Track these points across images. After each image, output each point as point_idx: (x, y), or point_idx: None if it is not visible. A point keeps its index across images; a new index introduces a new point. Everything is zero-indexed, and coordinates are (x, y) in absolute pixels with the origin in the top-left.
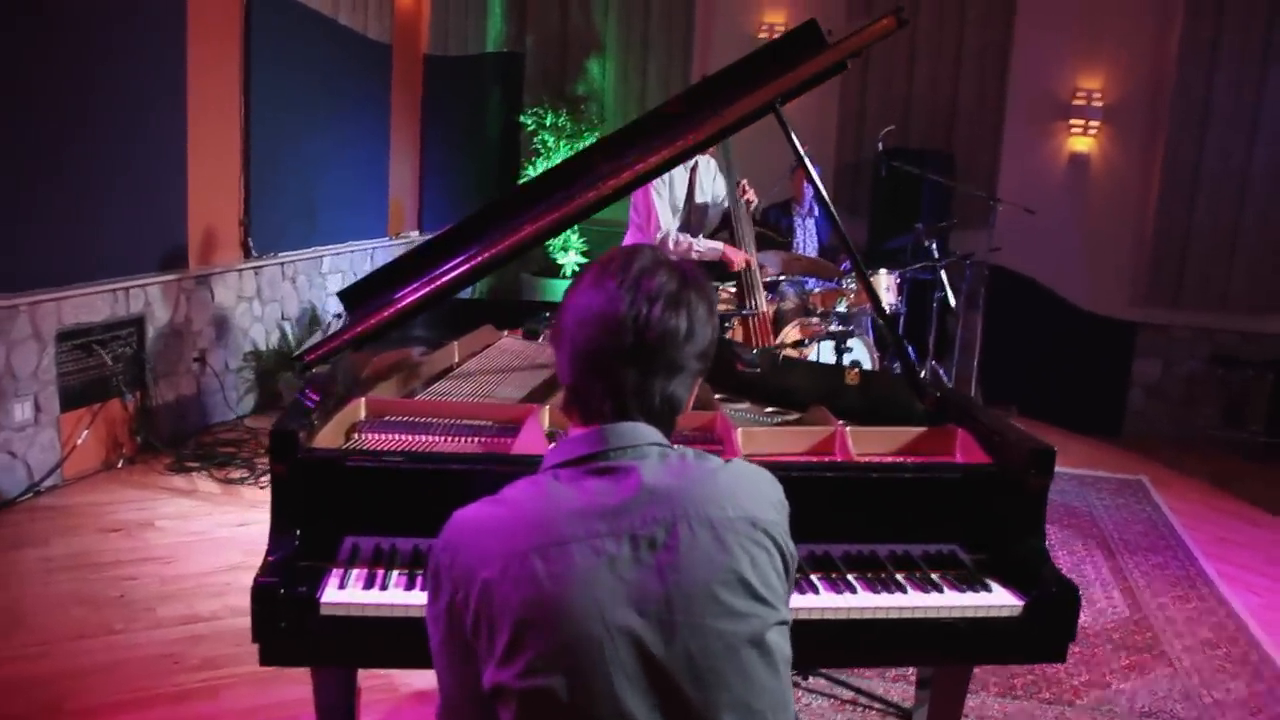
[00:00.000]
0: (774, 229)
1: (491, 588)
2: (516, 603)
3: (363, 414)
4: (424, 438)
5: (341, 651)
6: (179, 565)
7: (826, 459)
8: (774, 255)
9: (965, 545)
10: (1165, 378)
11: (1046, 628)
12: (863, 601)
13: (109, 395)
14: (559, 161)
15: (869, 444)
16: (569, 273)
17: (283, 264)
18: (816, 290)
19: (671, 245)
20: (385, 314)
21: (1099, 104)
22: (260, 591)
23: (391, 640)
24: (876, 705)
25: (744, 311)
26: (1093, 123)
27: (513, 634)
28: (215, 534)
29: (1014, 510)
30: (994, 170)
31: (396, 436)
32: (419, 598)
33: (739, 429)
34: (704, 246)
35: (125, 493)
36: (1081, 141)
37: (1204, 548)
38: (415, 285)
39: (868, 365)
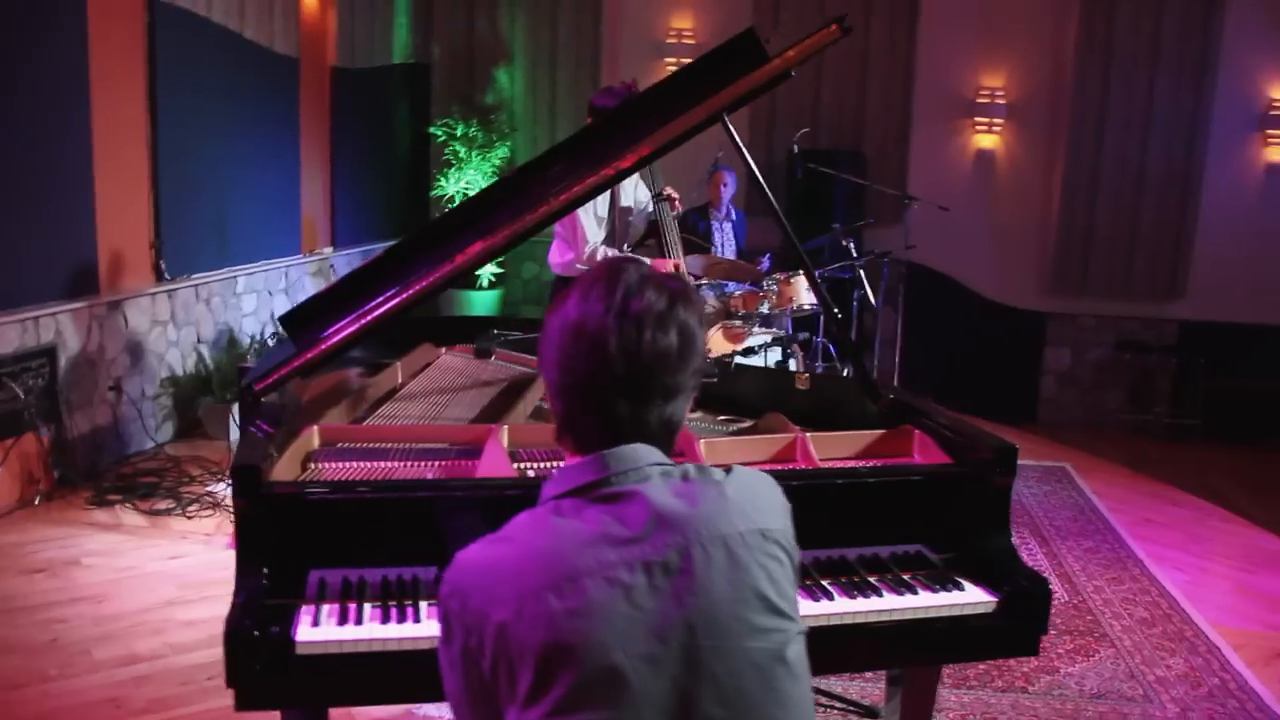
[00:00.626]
0: (692, 233)
1: (507, 630)
2: (536, 643)
3: (316, 442)
4: (383, 464)
5: (321, 691)
6: (112, 604)
7: (790, 466)
8: (695, 259)
9: (930, 545)
10: (1075, 365)
11: (1020, 622)
12: (841, 607)
13: (22, 429)
14: (506, 177)
15: (828, 449)
16: (485, 283)
17: (196, 286)
18: (737, 293)
19: (600, 259)
20: (337, 339)
21: (1002, 101)
22: (234, 635)
23: (372, 676)
24: (837, 705)
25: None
26: (996, 120)
27: (535, 675)
28: (146, 569)
29: (980, 508)
30: (903, 168)
31: (355, 464)
32: (396, 630)
33: (701, 440)
34: None
35: (46, 530)
36: (987, 138)
37: (1130, 529)
38: (366, 307)
39: (793, 366)
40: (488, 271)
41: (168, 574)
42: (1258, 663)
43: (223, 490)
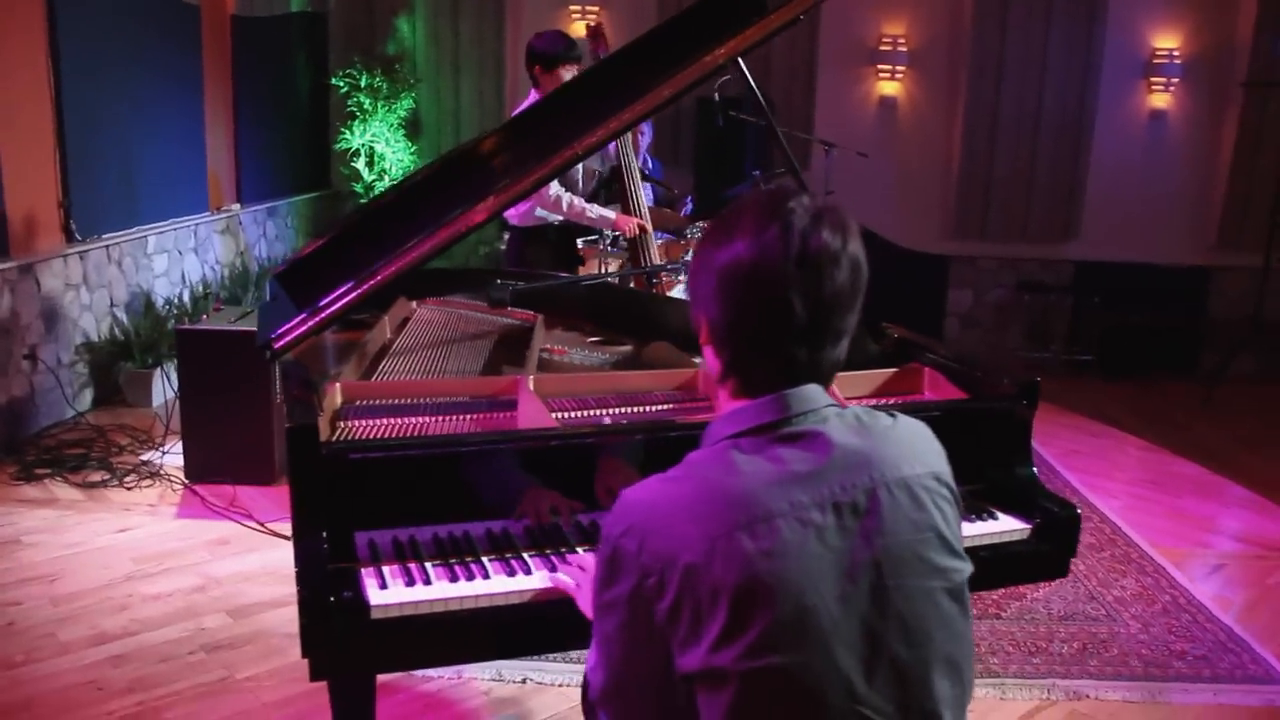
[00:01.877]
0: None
1: (697, 571)
2: (730, 584)
3: (339, 400)
4: (414, 419)
5: (393, 654)
6: (67, 582)
7: None
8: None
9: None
10: (976, 306)
11: (1053, 546)
12: None
13: None
14: (517, 120)
15: (846, 389)
16: None
17: (107, 246)
18: (659, 242)
19: (565, 207)
20: (352, 295)
21: (904, 49)
22: (310, 603)
23: (443, 635)
24: None
25: (654, 280)
26: (899, 67)
27: (729, 617)
28: (95, 543)
29: (1004, 440)
30: (809, 115)
31: (386, 421)
32: (469, 588)
33: None
34: (596, 214)
35: None
36: (889, 85)
37: (1060, 461)
38: (378, 263)
39: None
40: None
41: (119, 548)
42: (1198, 579)
43: (159, 458)
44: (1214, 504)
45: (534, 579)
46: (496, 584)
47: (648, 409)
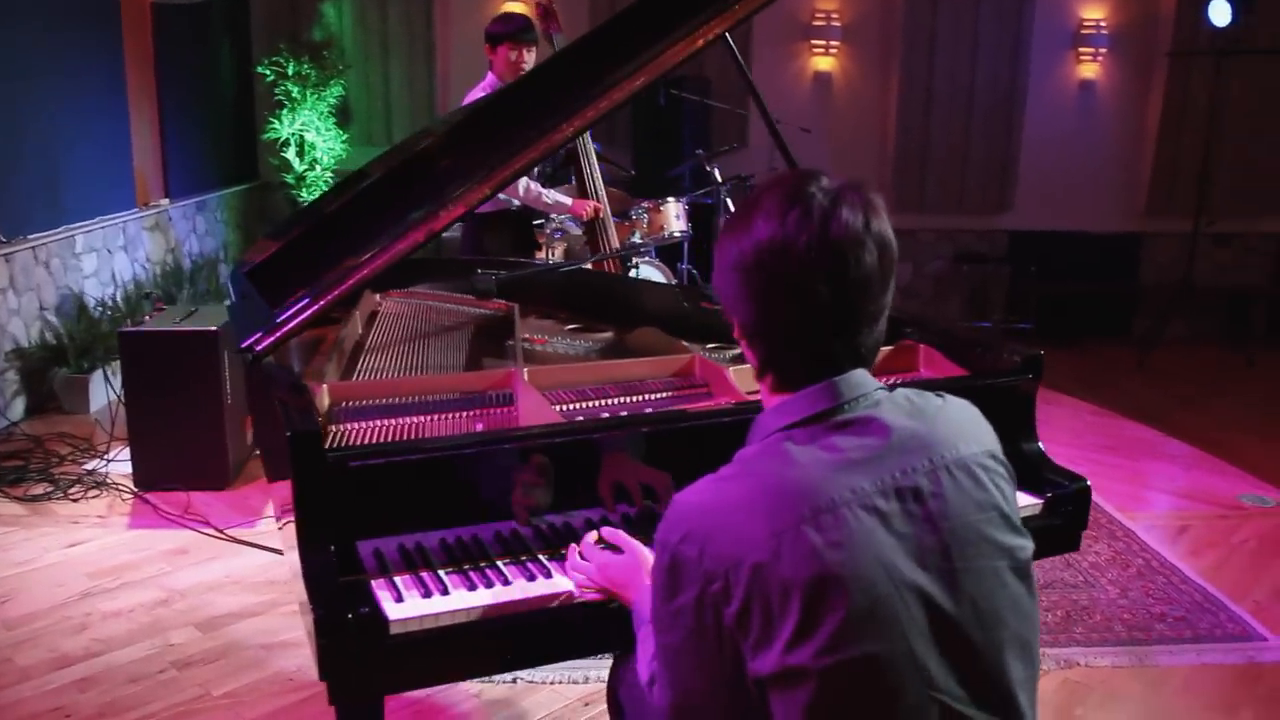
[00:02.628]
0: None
1: (765, 571)
2: (801, 580)
3: (327, 402)
4: (409, 420)
5: (417, 670)
6: (19, 603)
7: None
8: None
9: None
10: (916, 278)
11: (1065, 520)
12: None
13: None
14: (502, 98)
15: None
16: None
17: (34, 247)
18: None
19: (521, 192)
20: (334, 293)
21: (837, 24)
22: (327, 623)
23: (469, 647)
24: None
25: (628, 264)
26: (833, 42)
27: (802, 614)
28: (45, 560)
29: (1009, 415)
30: (745, 91)
31: (381, 423)
32: (489, 596)
33: (730, 368)
34: (552, 199)
35: None
36: (824, 61)
37: None
38: (353, 260)
39: None
40: None
41: (72, 564)
42: (1167, 542)
43: (104, 467)
44: (1170, 466)
45: (555, 582)
46: (517, 589)
47: (648, 397)
